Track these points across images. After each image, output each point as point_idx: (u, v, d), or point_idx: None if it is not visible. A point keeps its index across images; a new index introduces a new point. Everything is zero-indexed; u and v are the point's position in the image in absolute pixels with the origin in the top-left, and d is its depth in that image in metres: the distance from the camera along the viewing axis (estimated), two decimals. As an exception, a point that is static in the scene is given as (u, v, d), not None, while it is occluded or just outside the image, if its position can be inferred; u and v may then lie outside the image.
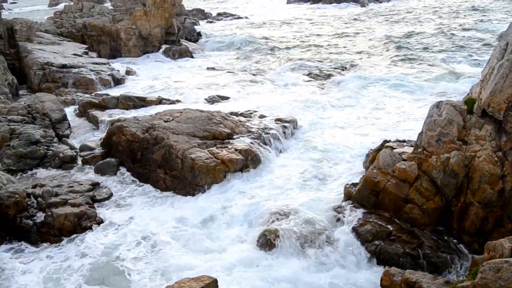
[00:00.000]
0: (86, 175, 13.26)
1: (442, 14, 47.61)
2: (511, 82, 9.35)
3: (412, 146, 11.57)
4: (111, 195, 12.25)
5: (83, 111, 18.09)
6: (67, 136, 15.78)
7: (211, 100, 19.72)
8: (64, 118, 16.61)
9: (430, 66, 24.93)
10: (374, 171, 11.01)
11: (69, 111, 18.37)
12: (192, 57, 31.58)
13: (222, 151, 12.95)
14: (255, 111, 17.08)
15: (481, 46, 28.97)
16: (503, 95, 9.47)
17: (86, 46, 29.41)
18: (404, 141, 12.46)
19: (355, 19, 48.16)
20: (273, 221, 10.49)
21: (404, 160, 10.89)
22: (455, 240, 9.86)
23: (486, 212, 9.48)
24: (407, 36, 34.12)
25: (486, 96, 9.79)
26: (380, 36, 35.38)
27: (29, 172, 13.25)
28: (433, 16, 46.48)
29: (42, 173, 13.26)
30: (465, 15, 45.34)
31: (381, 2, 68.43)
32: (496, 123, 9.81)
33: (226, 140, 13.73)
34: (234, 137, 14.01)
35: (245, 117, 16.20)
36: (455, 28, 36.61)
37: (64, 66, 22.93)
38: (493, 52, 10.51)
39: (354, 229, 10.22)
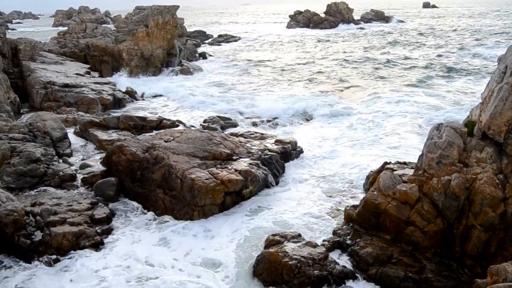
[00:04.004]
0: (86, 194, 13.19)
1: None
2: (511, 105, 9.39)
3: (412, 168, 11.55)
4: (110, 214, 12.15)
5: (84, 130, 18.13)
6: (68, 155, 15.77)
7: (211, 121, 19.81)
8: (65, 136, 16.63)
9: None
10: (375, 193, 10.96)
11: (70, 130, 18.44)
12: (193, 76, 31.84)
13: (222, 171, 12.92)
14: (256, 132, 17.16)
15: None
16: (503, 117, 9.50)
17: (89, 66, 29.69)
18: (404, 163, 12.45)
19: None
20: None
21: (405, 182, 10.85)
22: (457, 264, 9.73)
23: (488, 235, 9.38)
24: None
25: (486, 119, 9.81)
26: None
27: (29, 191, 13.17)
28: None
29: (41, 191, 13.17)
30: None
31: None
32: (497, 146, 9.82)
33: (226, 161, 13.71)
34: (234, 157, 14.00)
35: (245, 137, 16.22)
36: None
37: (66, 85, 23.10)
38: (493, 75, 10.60)
39: (355, 252, 10.11)
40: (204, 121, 20.13)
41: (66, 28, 51.44)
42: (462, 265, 9.68)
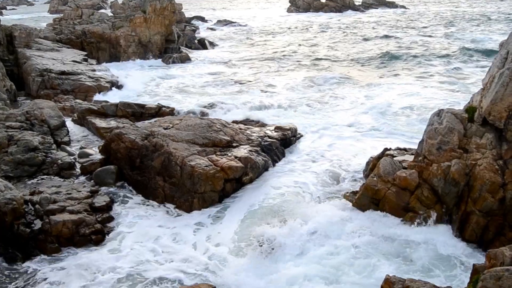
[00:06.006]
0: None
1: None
2: (512, 90, 9.35)
3: (412, 154, 11.55)
4: (110, 202, 12.15)
5: (82, 118, 18.04)
6: (66, 143, 15.71)
7: (212, 107, 19.77)
8: (63, 124, 16.54)
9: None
10: (375, 179, 10.97)
11: (68, 118, 18.35)
12: (192, 63, 31.59)
13: (221, 158, 12.89)
14: (256, 120, 17.16)
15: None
16: (504, 103, 9.47)
17: (86, 53, 29.43)
18: (404, 149, 12.44)
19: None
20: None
21: (405, 168, 10.86)
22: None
23: (487, 220, 9.43)
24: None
25: (487, 105, 9.78)
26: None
27: (27, 179, 13.15)
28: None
29: (40, 179, 13.15)
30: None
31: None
32: (497, 132, 9.81)
33: (226, 148, 13.68)
34: (234, 144, 13.96)
35: (245, 124, 16.17)
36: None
37: (63, 72, 22.92)
38: (494, 61, 10.53)
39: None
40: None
41: (62, 14, 50.93)
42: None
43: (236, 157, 13.05)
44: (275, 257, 9.72)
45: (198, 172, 12.12)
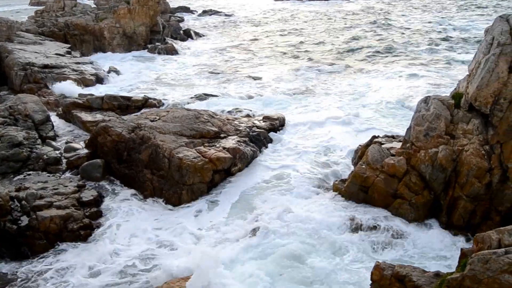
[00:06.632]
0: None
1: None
2: (497, 76, 9.40)
3: (400, 141, 11.59)
4: (98, 196, 12.03)
5: (67, 112, 17.78)
6: (51, 138, 15.49)
7: (199, 98, 19.60)
8: (48, 119, 16.29)
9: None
10: (363, 166, 11.01)
11: (53, 112, 18.10)
12: (177, 54, 31.26)
13: (210, 149, 12.82)
14: (244, 109, 17.05)
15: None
16: (490, 89, 9.52)
17: (69, 45, 28.93)
18: (392, 136, 12.49)
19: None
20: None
21: (393, 155, 10.91)
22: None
23: (474, 205, 9.53)
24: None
25: (473, 91, 9.83)
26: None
27: (12, 175, 12.95)
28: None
29: (26, 175, 12.97)
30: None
31: None
32: (483, 117, 9.87)
33: (214, 139, 13.61)
34: (222, 135, 13.89)
35: (232, 115, 16.09)
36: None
37: (46, 66, 22.52)
38: (479, 47, 10.57)
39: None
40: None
41: (44, 6, 50.00)
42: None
43: (224, 148, 12.99)
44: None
45: (186, 164, 12.04)
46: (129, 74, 25.50)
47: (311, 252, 9.46)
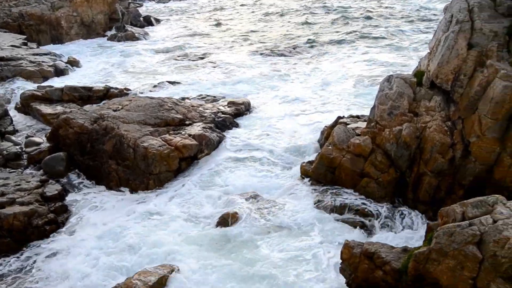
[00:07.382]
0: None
1: None
2: (457, 53, 9.57)
3: (365, 121, 11.71)
4: (62, 190, 11.70)
5: (26, 105, 17.11)
6: (10, 133, 14.91)
7: (162, 86, 19.22)
8: (6, 113, 15.71)
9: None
10: (329, 147, 11.08)
11: (10, 106, 17.41)
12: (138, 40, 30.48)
13: (175, 137, 12.62)
14: (208, 96, 16.83)
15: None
16: (450, 66, 9.68)
17: (25, 36, 27.77)
18: (357, 116, 12.61)
19: None
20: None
21: (358, 135, 11.01)
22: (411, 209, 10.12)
23: (438, 180, 9.75)
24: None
25: (434, 68, 9.99)
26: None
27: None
28: None
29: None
30: None
31: None
32: (445, 94, 10.05)
33: (179, 126, 13.41)
34: (187, 122, 13.69)
35: (197, 101, 15.87)
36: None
37: (1, 58, 21.59)
38: (439, 25, 10.72)
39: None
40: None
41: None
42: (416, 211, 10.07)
43: (190, 135, 12.84)
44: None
45: (152, 153, 11.82)
46: (89, 64, 24.69)
47: (277, 231, 9.58)
